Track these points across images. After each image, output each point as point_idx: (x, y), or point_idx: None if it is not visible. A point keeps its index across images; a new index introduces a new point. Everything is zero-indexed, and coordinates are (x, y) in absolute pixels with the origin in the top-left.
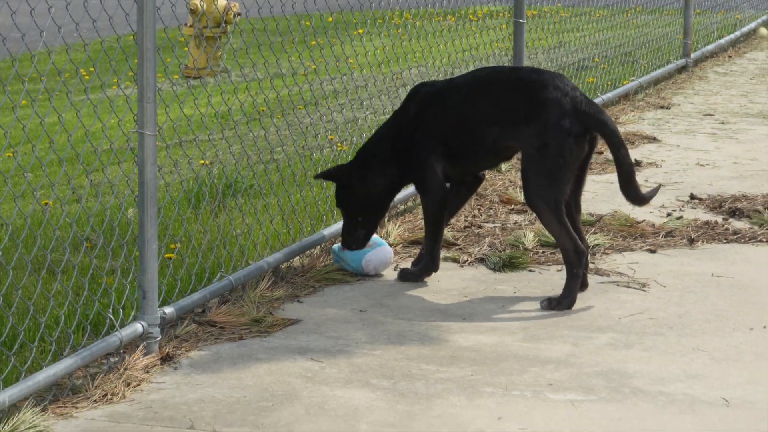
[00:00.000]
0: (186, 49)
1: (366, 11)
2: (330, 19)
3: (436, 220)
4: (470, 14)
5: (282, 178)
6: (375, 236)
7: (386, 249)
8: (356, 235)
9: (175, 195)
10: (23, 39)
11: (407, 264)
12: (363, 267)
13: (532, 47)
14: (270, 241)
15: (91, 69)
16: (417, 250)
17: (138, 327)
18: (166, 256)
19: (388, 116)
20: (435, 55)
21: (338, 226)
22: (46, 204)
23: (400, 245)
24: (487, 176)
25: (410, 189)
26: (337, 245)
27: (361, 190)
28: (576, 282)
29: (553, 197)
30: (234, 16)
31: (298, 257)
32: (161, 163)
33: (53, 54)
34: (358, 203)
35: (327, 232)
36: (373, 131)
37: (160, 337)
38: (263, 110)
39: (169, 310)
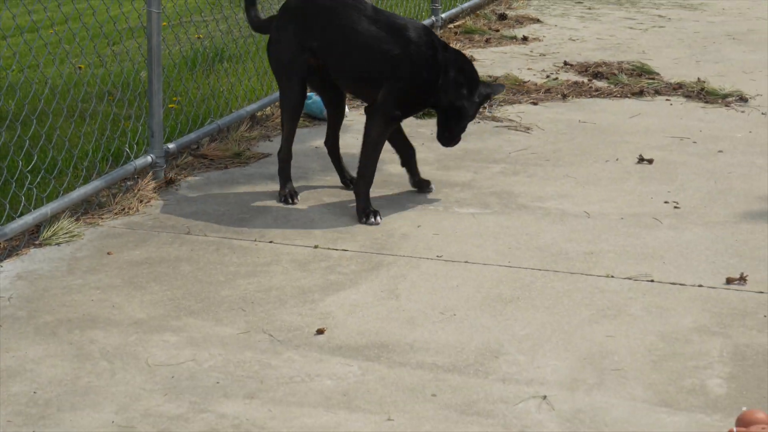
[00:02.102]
0: None
1: None
2: None
3: None
4: None
5: (257, 48)
6: None
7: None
8: None
9: (176, 59)
10: None
11: (356, 113)
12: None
13: None
14: (248, 95)
15: None
16: (358, 102)
17: (148, 158)
18: (169, 106)
19: None
20: None
21: None
22: (79, 68)
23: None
24: None
25: None
26: (308, 94)
27: None
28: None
29: None
30: None
31: (269, 107)
32: (166, 38)
33: None
34: None
35: None
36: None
37: (165, 166)
38: None
39: (171, 145)
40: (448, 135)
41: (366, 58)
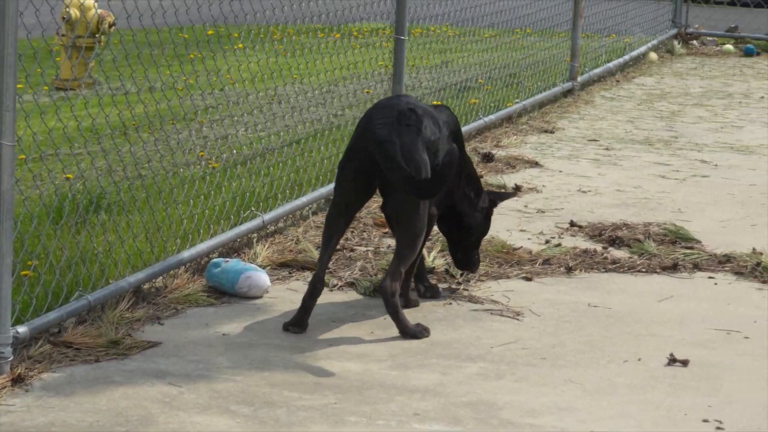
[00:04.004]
0: (58, 59)
1: (249, 25)
2: (211, 32)
3: None
4: (354, 31)
5: (147, 195)
6: (250, 264)
7: (266, 276)
8: None
9: (33, 209)
10: None
11: (282, 287)
12: (239, 282)
13: (416, 66)
14: (132, 260)
15: None
16: (286, 273)
17: None
18: (22, 273)
19: (261, 133)
20: (314, 71)
21: (204, 245)
22: None
23: (269, 267)
24: None
25: (281, 209)
26: (215, 260)
27: None
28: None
29: None
30: (108, 26)
31: (161, 277)
32: (20, 176)
33: None
34: None
35: (193, 251)
36: (244, 147)
37: (12, 358)
38: (134, 124)
39: (22, 329)
40: (462, 256)
41: None
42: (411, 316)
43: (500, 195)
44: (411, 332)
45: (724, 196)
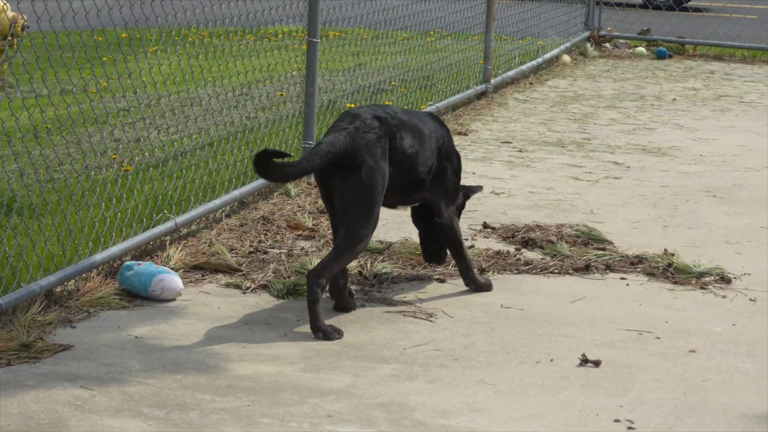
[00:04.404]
0: None
1: (162, 28)
2: (124, 35)
3: None
4: (269, 33)
5: (59, 198)
6: (162, 267)
7: (179, 279)
8: None
9: None
10: None
11: (195, 290)
12: (152, 285)
13: (330, 68)
14: (44, 263)
15: None
16: (199, 276)
17: None
18: None
19: (174, 136)
20: (227, 74)
21: (116, 248)
22: None
23: (182, 269)
24: (275, 200)
25: (195, 212)
26: (128, 263)
27: None
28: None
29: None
30: (22, 28)
31: (73, 280)
32: None
33: None
34: None
35: (105, 254)
36: (157, 150)
37: None
38: (48, 127)
39: None
40: (434, 249)
41: None
42: (326, 317)
43: (471, 189)
44: (322, 330)
45: (636, 198)
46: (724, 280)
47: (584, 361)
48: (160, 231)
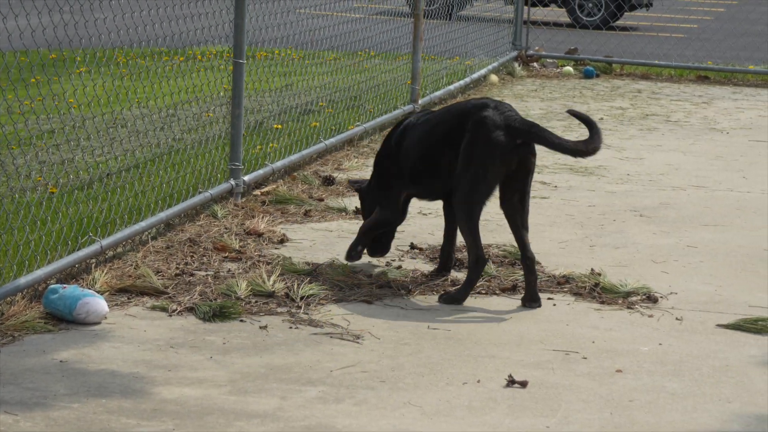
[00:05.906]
0: None
1: (89, 49)
2: (53, 55)
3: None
4: (198, 54)
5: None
6: (88, 290)
7: (104, 303)
8: None
9: None
10: None
11: (121, 313)
12: (77, 308)
13: (258, 89)
14: None
15: None
16: (125, 298)
17: None
18: None
19: (103, 158)
20: (154, 95)
21: (41, 271)
22: None
23: (107, 292)
24: (201, 222)
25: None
26: (53, 286)
27: None
28: (470, 288)
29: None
30: None
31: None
32: None
33: None
34: None
35: (30, 278)
36: (82, 172)
37: None
38: None
39: None
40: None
41: None
42: (252, 340)
43: None
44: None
45: (564, 217)
46: (651, 299)
47: (511, 382)
48: (86, 254)
